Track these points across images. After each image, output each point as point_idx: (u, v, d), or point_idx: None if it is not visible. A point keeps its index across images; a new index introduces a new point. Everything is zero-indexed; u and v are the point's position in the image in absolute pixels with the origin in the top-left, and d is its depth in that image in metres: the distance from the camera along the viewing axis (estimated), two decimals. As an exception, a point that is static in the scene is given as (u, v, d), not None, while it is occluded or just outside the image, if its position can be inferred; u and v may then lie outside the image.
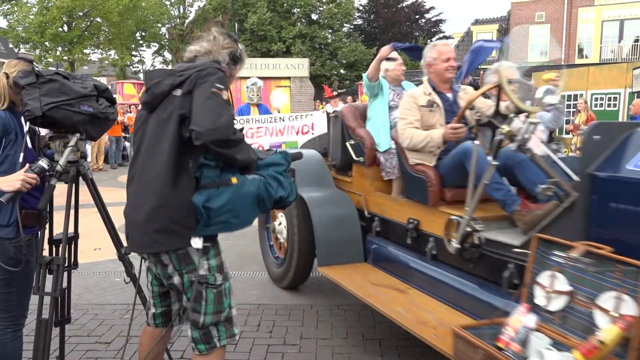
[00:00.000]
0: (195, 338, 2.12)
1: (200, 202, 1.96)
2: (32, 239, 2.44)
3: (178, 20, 32.67)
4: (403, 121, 3.38)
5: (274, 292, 4.35)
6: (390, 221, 3.72)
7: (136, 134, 2.16)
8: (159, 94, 2.02)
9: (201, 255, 2.04)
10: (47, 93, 2.25)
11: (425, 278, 3.22)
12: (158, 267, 2.11)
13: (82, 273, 4.78)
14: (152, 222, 1.98)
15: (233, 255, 5.46)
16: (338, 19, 30.76)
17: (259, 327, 3.63)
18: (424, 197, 3.28)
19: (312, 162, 4.27)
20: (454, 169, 3.11)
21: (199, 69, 2.01)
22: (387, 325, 3.62)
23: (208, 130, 1.85)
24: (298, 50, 28.52)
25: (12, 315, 2.42)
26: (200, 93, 1.94)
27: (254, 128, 7.72)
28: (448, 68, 3.40)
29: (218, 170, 2.03)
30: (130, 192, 2.13)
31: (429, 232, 3.28)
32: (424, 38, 33.68)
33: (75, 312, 3.85)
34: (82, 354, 3.23)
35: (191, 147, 1.98)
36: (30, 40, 23.04)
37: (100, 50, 26.62)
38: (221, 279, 2.11)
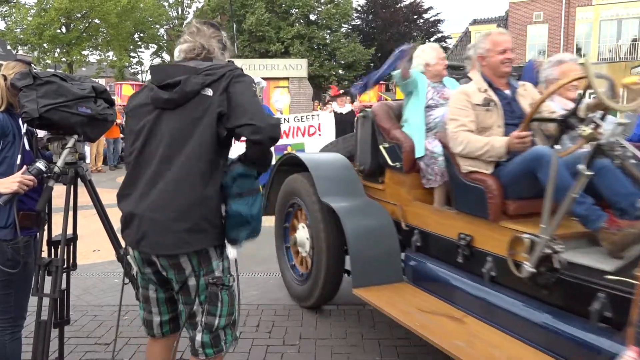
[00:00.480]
0: (205, 342, 2.05)
1: (247, 211, 1.98)
2: (30, 240, 2.45)
3: (176, 21, 32.70)
4: (454, 123, 2.92)
5: (273, 292, 4.35)
6: (434, 235, 3.27)
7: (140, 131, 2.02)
8: (189, 92, 1.96)
9: (218, 257, 2.03)
10: (45, 95, 2.26)
11: (483, 304, 2.76)
12: (170, 272, 2.01)
13: (81, 274, 4.78)
14: (184, 220, 1.91)
15: (232, 256, 5.46)
16: (336, 20, 30.79)
17: (258, 327, 3.64)
18: (481, 210, 2.81)
19: (339, 167, 3.87)
20: (520, 177, 2.67)
21: (230, 69, 2.01)
22: (386, 325, 3.62)
23: (270, 126, 1.91)
24: (296, 50, 28.54)
25: (10, 317, 2.43)
26: (244, 92, 1.95)
27: None
28: (504, 61, 2.94)
29: (252, 179, 2.05)
30: (144, 191, 1.97)
31: (486, 250, 2.83)
32: (422, 38, 33.72)
33: (74, 313, 3.85)
34: (82, 355, 3.24)
35: (225, 146, 2.02)
36: (28, 42, 23.03)
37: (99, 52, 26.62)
38: (232, 280, 2.11)
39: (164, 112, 2.00)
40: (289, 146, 7.45)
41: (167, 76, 2.00)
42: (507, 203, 2.73)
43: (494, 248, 2.76)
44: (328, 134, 7.61)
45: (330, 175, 3.72)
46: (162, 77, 2.01)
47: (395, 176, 3.66)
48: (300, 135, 7.52)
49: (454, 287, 2.98)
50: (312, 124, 7.58)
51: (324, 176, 3.71)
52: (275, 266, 5.03)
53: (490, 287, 2.76)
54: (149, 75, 2.19)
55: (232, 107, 1.94)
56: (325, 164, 3.91)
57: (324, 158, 4.11)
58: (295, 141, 7.51)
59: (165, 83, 1.98)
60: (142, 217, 1.95)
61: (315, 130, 7.57)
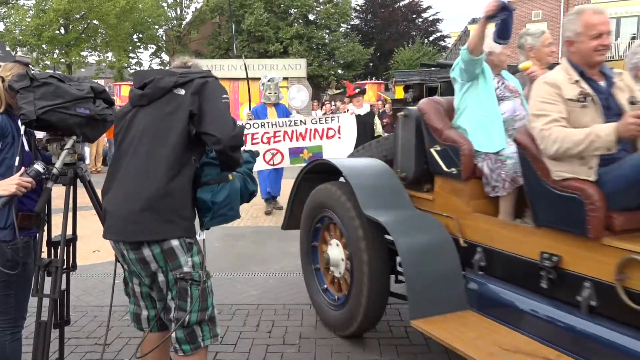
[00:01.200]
0: (179, 338, 2.10)
1: (208, 197, 2.11)
2: (29, 241, 2.45)
3: (175, 22, 32.69)
4: (543, 119, 2.41)
5: (273, 292, 4.36)
6: (504, 254, 2.75)
7: (120, 129, 2.19)
8: (161, 88, 2.11)
9: (185, 252, 2.08)
10: (42, 96, 2.25)
11: (581, 340, 2.28)
12: (137, 266, 2.11)
13: (82, 275, 4.78)
14: (149, 210, 2.00)
15: (232, 256, 5.47)
16: (335, 19, 30.84)
17: (258, 327, 3.64)
18: (575, 225, 2.32)
19: (381, 175, 3.36)
20: (632, 185, 2.20)
21: (202, 75, 2.15)
22: (385, 324, 3.63)
23: (230, 137, 2.02)
24: (295, 50, 28.55)
25: (10, 318, 2.43)
26: (211, 99, 2.08)
27: (270, 132, 6.92)
28: (599, 48, 2.41)
29: (218, 168, 2.19)
30: (118, 186, 2.10)
31: (582, 274, 2.33)
32: (421, 37, 33.74)
33: (74, 314, 3.85)
34: (82, 356, 3.24)
35: (194, 144, 2.09)
36: (27, 43, 23.02)
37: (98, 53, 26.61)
38: (205, 276, 2.14)
39: (140, 110, 2.15)
40: (306, 149, 7.07)
41: (145, 77, 2.15)
42: (612, 216, 2.25)
43: (594, 271, 2.28)
44: (348, 138, 7.14)
45: (372, 184, 3.23)
46: (142, 79, 2.16)
47: (449, 184, 3.14)
48: (318, 137, 7.07)
49: (537, 318, 2.50)
50: (331, 126, 7.11)
51: (365, 185, 3.21)
52: (275, 266, 5.06)
53: (590, 320, 2.27)
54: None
55: (200, 112, 2.06)
56: (364, 171, 3.41)
57: (361, 164, 3.56)
58: (313, 144, 7.10)
59: (143, 83, 2.13)
60: (113, 209, 2.08)
61: (334, 133, 7.10)
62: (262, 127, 6.90)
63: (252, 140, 6.78)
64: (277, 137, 6.93)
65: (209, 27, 32.55)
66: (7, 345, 2.44)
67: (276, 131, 6.93)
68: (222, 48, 30.94)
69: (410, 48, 30.63)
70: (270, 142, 6.90)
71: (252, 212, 7.65)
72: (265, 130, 6.89)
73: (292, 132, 7.00)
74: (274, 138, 6.91)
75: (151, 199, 2.00)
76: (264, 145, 6.84)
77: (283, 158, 7.04)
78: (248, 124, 6.81)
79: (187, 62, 2.34)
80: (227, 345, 3.33)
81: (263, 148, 6.80)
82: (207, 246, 6.23)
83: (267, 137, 6.90)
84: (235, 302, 4.10)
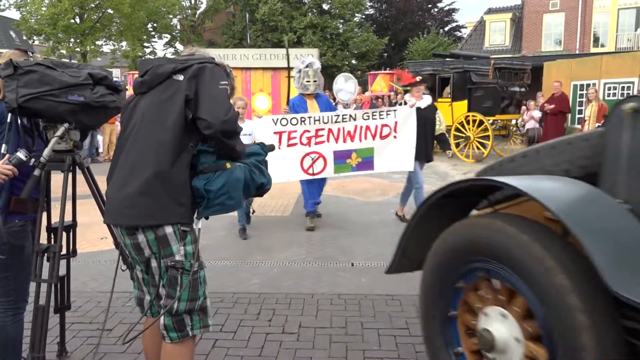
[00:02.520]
0: (167, 325, 2.12)
1: (201, 184, 2.08)
2: (25, 224, 2.46)
3: (189, 11, 32.72)
4: None
5: (276, 281, 4.37)
6: None
7: (124, 118, 2.20)
8: (160, 74, 2.11)
9: (178, 240, 2.08)
10: (26, 84, 2.27)
11: None
12: (133, 252, 2.14)
13: (88, 262, 4.85)
14: (145, 195, 2.01)
15: (239, 244, 5.50)
16: (349, 9, 30.60)
17: (259, 315, 3.65)
18: None
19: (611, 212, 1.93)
20: None
21: (200, 60, 2.14)
22: (386, 315, 3.62)
23: (220, 122, 2.00)
24: (309, 40, 28.44)
25: (11, 299, 2.47)
26: (207, 83, 2.06)
27: (311, 130, 5.58)
28: None
29: (214, 156, 2.16)
30: (117, 172, 2.12)
31: None
32: (437, 27, 33.38)
33: (79, 299, 3.93)
34: (84, 340, 3.28)
35: (191, 129, 2.08)
36: (42, 32, 23.23)
37: (112, 42, 26.76)
38: (197, 266, 2.14)
39: (142, 97, 2.15)
40: (354, 152, 5.74)
41: (147, 65, 2.16)
42: None
43: None
44: (407, 138, 5.81)
45: (608, 232, 1.87)
46: (144, 67, 2.17)
47: None
48: (370, 136, 5.71)
49: None
50: (386, 122, 5.71)
51: (599, 235, 1.82)
52: (280, 255, 5.07)
53: None
54: None
55: (196, 97, 2.05)
56: (585, 207, 1.94)
57: (569, 192, 2.02)
58: (363, 145, 5.73)
59: (145, 71, 2.15)
60: (111, 194, 2.11)
61: (389, 131, 5.73)
62: (302, 123, 5.53)
63: (289, 140, 5.54)
64: (319, 137, 5.60)
65: (223, 16, 32.54)
66: (9, 326, 2.49)
67: (319, 129, 5.58)
68: (236, 38, 30.92)
69: (425, 38, 30.33)
70: (311, 144, 5.59)
71: (260, 201, 7.67)
72: (306, 128, 5.54)
73: (339, 130, 5.66)
74: (315, 138, 5.59)
75: (147, 184, 2.00)
76: (303, 148, 5.61)
77: (326, 165, 5.73)
78: (285, 119, 5.53)
79: (194, 52, 2.33)
80: (226, 333, 3.36)
81: (301, 151, 5.63)
82: (213, 234, 6.28)
83: (308, 137, 5.57)
84: (237, 291, 4.12)
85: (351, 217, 6.72)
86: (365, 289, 4.15)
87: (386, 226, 6.28)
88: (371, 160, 5.86)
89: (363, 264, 4.80)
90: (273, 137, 5.45)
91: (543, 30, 26.59)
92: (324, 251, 5.25)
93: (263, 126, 5.58)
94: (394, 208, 7.39)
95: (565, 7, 25.91)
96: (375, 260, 4.89)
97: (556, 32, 26.49)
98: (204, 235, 5.82)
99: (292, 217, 6.82)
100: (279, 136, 5.51)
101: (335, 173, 5.83)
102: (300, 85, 5.90)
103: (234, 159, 2.20)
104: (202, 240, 5.50)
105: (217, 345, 3.20)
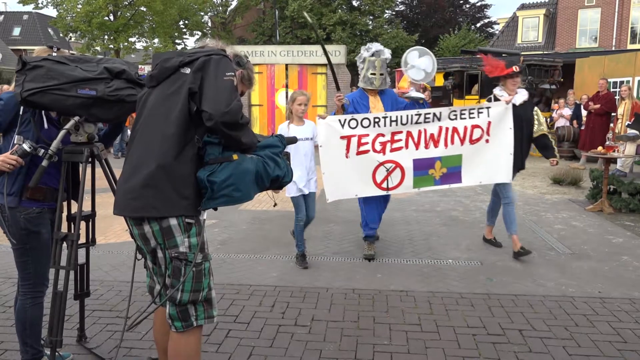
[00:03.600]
0: (172, 315, 2.17)
1: (205, 175, 2.08)
2: (43, 212, 2.55)
3: (220, 8, 33.02)
4: None
5: (292, 275, 4.42)
6: None
7: (138, 112, 2.25)
8: (167, 68, 2.14)
9: (182, 232, 2.11)
10: (32, 79, 2.35)
11: None
12: (140, 241, 2.21)
13: (112, 252, 4.99)
14: (150, 187, 2.05)
15: (257, 239, 5.57)
16: (379, 5, 30.40)
17: (273, 307, 3.71)
18: None
19: None
20: None
21: (207, 53, 2.14)
22: (399, 311, 3.63)
23: (221, 113, 1.99)
24: (338, 37, 28.39)
25: (30, 283, 2.58)
26: (211, 75, 2.06)
27: (387, 134, 4.56)
28: None
29: (220, 147, 2.15)
30: (125, 165, 2.18)
31: None
32: (468, 24, 32.90)
33: (101, 287, 4.06)
34: (103, 327, 3.40)
35: (197, 122, 2.10)
36: (78, 29, 23.80)
37: (145, 39, 27.24)
38: (201, 257, 2.17)
39: (152, 92, 2.19)
40: (439, 161, 4.67)
41: (158, 58, 2.18)
42: None
43: None
44: (502, 140, 4.71)
45: None
46: (156, 62, 2.19)
47: None
48: (457, 140, 4.63)
49: None
50: (478, 122, 4.63)
51: None
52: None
53: None
54: None
55: (201, 89, 2.05)
56: None
57: None
58: (449, 152, 4.65)
59: (156, 63, 2.17)
60: (119, 186, 2.17)
61: (481, 134, 4.64)
62: (376, 125, 4.53)
63: (359, 146, 4.55)
64: (396, 142, 4.58)
65: (253, 13, 32.76)
66: (28, 308, 2.60)
67: (395, 132, 4.57)
68: (266, 34, 31.10)
69: (456, 35, 29.93)
70: (386, 150, 4.59)
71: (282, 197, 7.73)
72: (380, 131, 4.55)
73: (420, 133, 4.61)
74: (391, 143, 4.58)
75: (151, 176, 2.05)
76: (376, 156, 4.60)
77: (403, 177, 4.66)
78: (354, 119, 4.53)
79: (205, 46, 2.33)
80: (240, 324, 3.42)
81: (374, 160, 4.60)
82: (234, 228, 6.37)
83: (382, 143, 4.57)
84: (254, 283, 4.19)
85: (372, 213, 6.70)
86: (381, 285, 4.16)
87: (407, 223, 6.27)
88: (458, 170, 4.73)
89: (380, 260, 4.81)
90: (340, 143, 4.52)
91: (578, 26, 25.89)
92: (342, 246, 5.28)
93: (327, 129, 4.53)
94: (415, 205, 7.36)
95: (602, 2, 25.17)
96: (392, 257, 4.90)
97: (592, 29, 25.75)
98: (227, 229, 5.92)
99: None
100: (347, 142, 4.54)
101: (415, 187, 4.73)
102: (364, 79, 4.80)
103: (243, 150, 2.19)
104: (224, 234, 5.67)
105: (230, 335, 3.26)
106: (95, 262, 4.40)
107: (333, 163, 4.55)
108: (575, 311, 3.66)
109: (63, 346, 2.70)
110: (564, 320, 3.51)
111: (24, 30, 42.37)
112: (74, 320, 3.30)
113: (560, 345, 3.16)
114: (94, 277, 3.95)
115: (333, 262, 4.76)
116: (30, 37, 41.21)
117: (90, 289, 3.16)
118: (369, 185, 4.63)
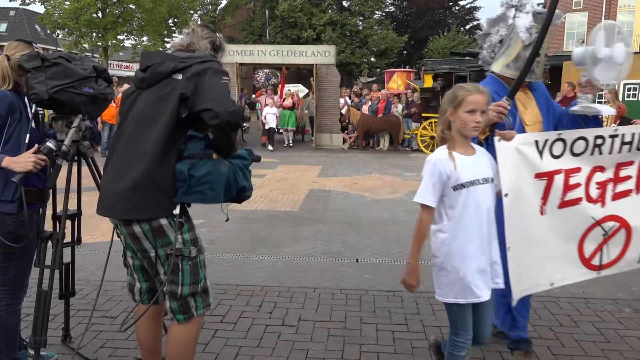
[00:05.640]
0: (174, 309, 2.24)
1: (185, 169, 2.09)
2: (32, 215, 2.53)
3: (210, 7, 32.94)
4: None
5: (280, 275, 4.41)
6: None
7: (123, 109, 2.26)
8: (160, 73, 2.15)
9: (175, 230, 2.15)
10: (53, 76, 2.36)
11: None
12: (129, 240, 2.21)
13: (98, 251, 4.95)
14: (138, 189, 2.08)
15: (245, 238, 5.56)
16: (369, 6, 30.50)
17: (260, 307, 3.70)
18: None
19: None
20: None
21: (202, 60, 2.15)
22: (386, 311, 3.64)
23: (228, 112, 2.00)
24: (328, 37, 28.41)
25: (8, 289, 2.52)
26: (209, 78, 2.09)
27: (607, 168, 2.60)
28: None
29: (203, 143, 2.16)
30: (112, 165, 2.19)
31: None
32: (457, 26, 33.09)
33: (86, 287, 4.03)
34: (89, 327, 3.36)
35: (183, 127, 2.12)
36: (65, 26, 23.58)
37: (134, 37, 27.05)
38: (195, 251, 2.24)
39: (141, 93, 2.20)
40: None
41: (149, 61, 2.19)
42: None
43: None
44: None
45: None
46: (146, 61, 2.20)
47: None
48: None
49: None
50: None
51: None
52: (286, 250, 5.12)
53: None
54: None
55: (197, 92, 2.06)
56: None
57: None
58: None
59: (146, 66, 2.18)
60: (105, 187, 2.19)
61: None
62: (596, 149, 2.58)
63: (566, 191, 2.53)
64: (622, 182, 2.66)
65: (243, 12, 32.69)
66: (4, 315, 2.51)
67: (622, 164, 2.65)
68: (256, 34, 31.06)
69: (446, 36, 30.09)
70: (606, 198, 2.63)
71: (271, 196, 7.74)
72: (598, 163, 2.60)
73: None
74: (614, 184, 2.64)
75: (139, 179, 2.07)
76: (590, 209, 2.61)
77: (628, 245, 2.67)
78: (561, 139, 2.55)
79: (191, 46, 2.33)
80: (227, 324, 3.41)
81: (588, 215, 2.61)
82: (221, 228, 6.33)
83: (600, 184, 2.61)
84: (241, 283, 4.18)
85: (360, 213, 6.74)
86: (368, 285, 4.17)
87: (395, 223, 6.29)
88: None
89: (368, 260, 4.82)
90: (534, 188, 2.50)
91: (565, 29, 26.19)
92: (330, 247, 5.29)
93: (515, 160, 2.45)
94: (404, 206, 7.39)
95: (589, 6, 25.50)
96: (380, 257, 4.91)
97: (579, 32, 26.07)
98: (215, 228, 5.90)
99: (300, 212, 6.86)
100: (547, 183, 2.52)
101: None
102: (508, 60, 2.90)
103: (226, 154, 2.23)
104: (212, 234, 5.65)
105: (216, 335, 3.26)
106: (80, 261, 4.36)
107: (522, 228, 2.48)
108: (560, 311, 3.70)
109: (47, 346, 2.67)
110: (549, 320, 3.55)
111: (11, 26, 41.85)
112: (59, 320, 3.27)
113: (544, 345, 3.19)
114: (79, 277, 3.91)
115: (321, 263, 4.76)
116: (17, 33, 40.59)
117: (76, 288, 3.13)
118: (572, 264, 2.63)
